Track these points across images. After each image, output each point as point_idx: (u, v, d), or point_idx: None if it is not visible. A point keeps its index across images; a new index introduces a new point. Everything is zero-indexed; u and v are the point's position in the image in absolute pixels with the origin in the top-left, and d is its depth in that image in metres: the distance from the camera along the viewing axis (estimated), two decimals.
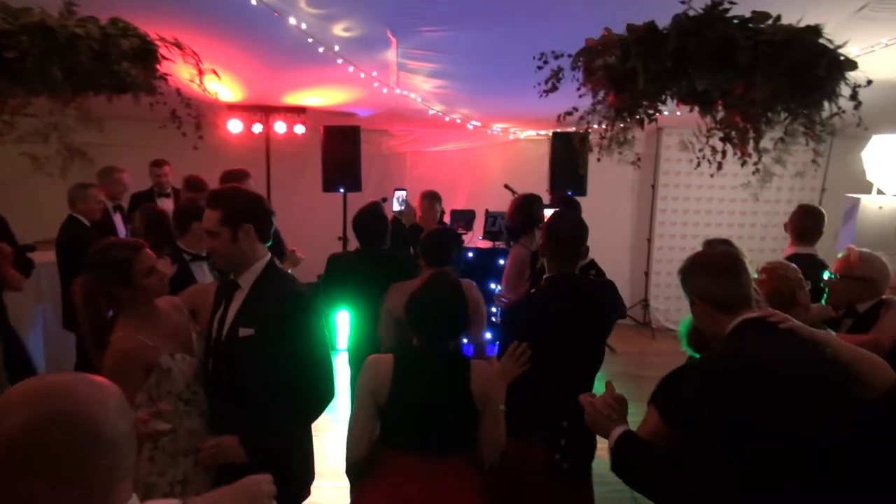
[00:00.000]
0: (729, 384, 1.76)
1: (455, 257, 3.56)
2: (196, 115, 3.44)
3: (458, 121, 7.00)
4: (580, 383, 2.76)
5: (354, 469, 2.40)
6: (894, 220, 5.81)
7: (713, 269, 1.98)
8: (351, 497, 2.67)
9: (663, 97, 2.85)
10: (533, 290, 2.91)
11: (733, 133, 2.92)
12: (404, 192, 4.45)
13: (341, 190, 6.61)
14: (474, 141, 7.84)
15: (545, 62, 3.20)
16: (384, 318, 3.52)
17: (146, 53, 3.16)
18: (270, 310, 2.34)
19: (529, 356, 2.52)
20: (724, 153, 2.88)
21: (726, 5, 2.56)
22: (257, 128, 6.78)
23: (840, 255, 3.18)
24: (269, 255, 2.49)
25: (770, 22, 2.64)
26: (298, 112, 6.79)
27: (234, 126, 6.62)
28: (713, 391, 1.78)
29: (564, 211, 2.83)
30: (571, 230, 2.77)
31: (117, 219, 5.13)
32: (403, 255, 4.28)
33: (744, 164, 2.80)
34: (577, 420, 2.73)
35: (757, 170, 2.78)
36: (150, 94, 3.28)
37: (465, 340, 3.40)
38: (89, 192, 4.55)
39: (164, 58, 3.35)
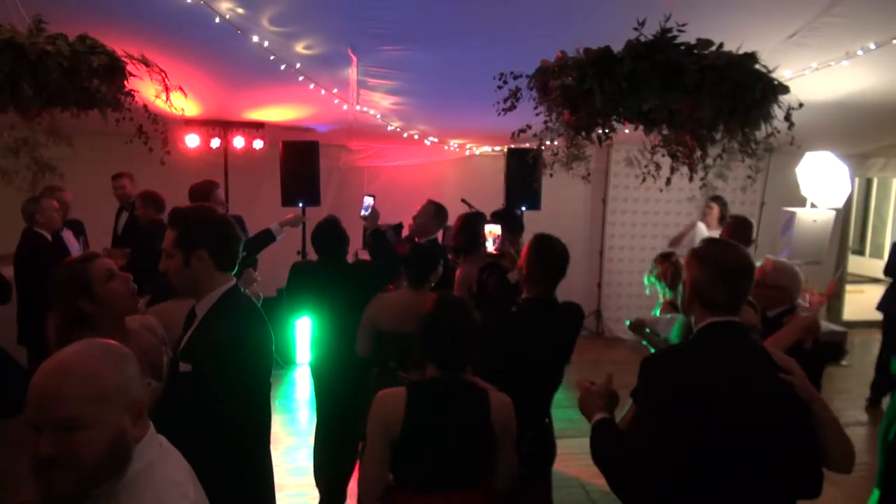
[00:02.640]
0: (673, 373, 1.85)
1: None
2: (163, 130, 3.48)
3: (416, 136, 7.14)
4: (547, 396, 3.00)
5: None
6: (827, 232, 6.19)
7: (716, 268, 1.94)
8: None
9: (616, 116, 3.04)
10: (513, 310, 3.03)
11: (679, 150, 3.13)
12: (372, 199, 4.55)
13: (300, 204, 6.65)
14: (431, 156, 7.99)
15: (504, 82, 3.36)
16: (363, 329, 3.55)
17: (114, 70, 3.19)
18: (209, 346, 2.16)
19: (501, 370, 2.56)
20: (672, 169, 3.08)
21: (675, 32, 2.77)
22: (216, 142, 6.78)
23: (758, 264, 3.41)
24: (232, 282, 2.31)
25: (713, 48, 2.86)
26: (257, 127, 6.81)
27: (192, 141, 6.61)
28: (659, 378, 1.87)
29: (549, 236, 2.96)
30: (560, 258, 2.90)
31: (67, 235, 5.06)
32: (365, 266, 4.35)
33: (691, 179, 3.00)
34: (543, 430, 2.93)
35: (703, 185, 2.99)
36: (117, 110, 3.30)
37: None
38: (43, 204, 4.50)
39: (132, 74, 3.38)
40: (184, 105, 3.64)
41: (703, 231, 6.18)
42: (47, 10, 3.17)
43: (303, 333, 6.79)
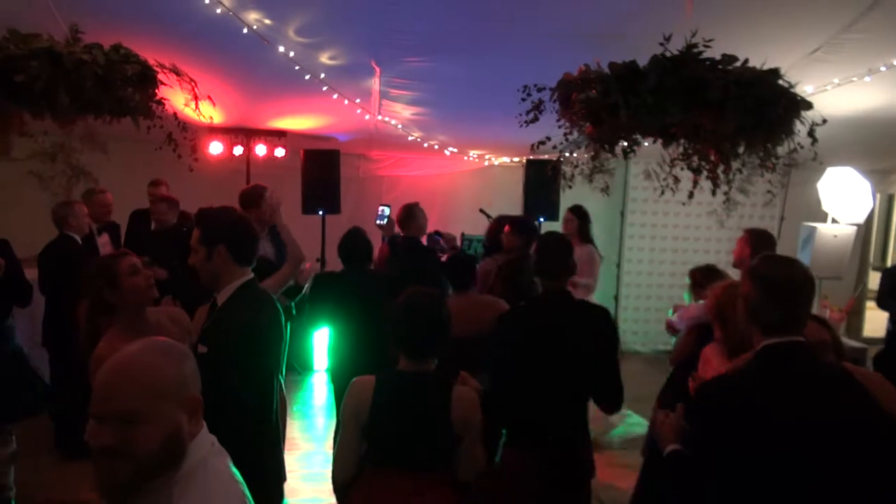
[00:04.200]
0: (733, 412, 1.73)
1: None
2: (192, 138, 3.55)
3: (436, 147, 7.20)
4: (566, 397, 2.86)
5: (341, 488, 2.43)
6: (848, 247, 6.15)
7: (766, 285, 1.83)
8: None
9: (639, 130, 3.07)
10: (522, 304, 3.07)
11: (702, 163, 3.15)
12: (388, 208, 4.72)
13: (321, 212, 6.72)
14: (450, 166, 8.04)
15: (528, 94, 3.40)
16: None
17: (146, 79, 3.27)
18: (223, 330, 2.43)
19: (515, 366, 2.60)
20: (695, 182, 3.09)
21: (700, 48, 2.80)
22: (238, 150, 6.88)
23: None
24: (250, 276, 2.58)
25: (738, 64, 2.88)
26: (279, 135, 6.91)
27: (216, 148, 6.71)
28: (718, 417, 1.76)
29: (551, 233, 3.01)
30: (554, 252, 2.91)
31: (102, 240, 5.14)
32: (389, 275, 4.41)
33: (714, 193, 3.02)
34: (563, 437, 2.88)
35: (727, 199, 3.00)
36: (148, 117, 3.38)
37: None
38: (75, 208, 4.58)
39: (162, 83, 3.46)
40: (212, 113, 3.69)
41: None
42: (82, 18, 3.27)
43: (320, 340, 6.84)
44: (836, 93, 5.06)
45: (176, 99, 3.69)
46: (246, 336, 2.43)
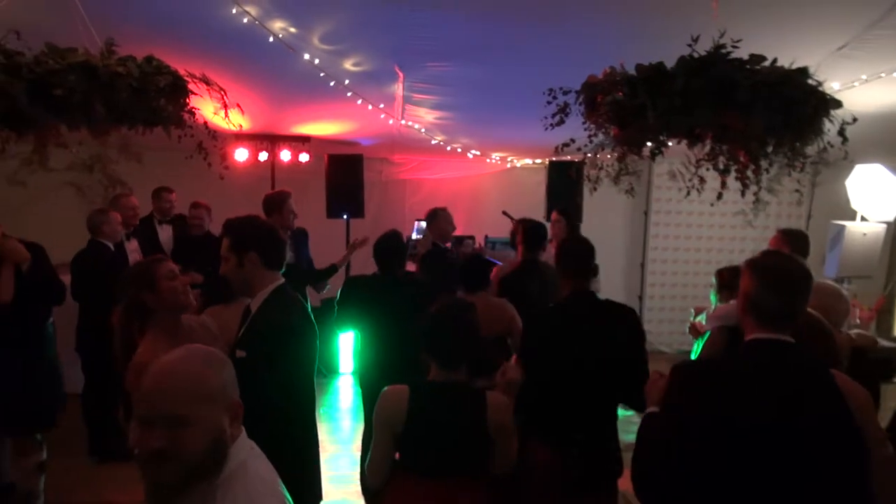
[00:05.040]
0: (711, 392, 1.80)
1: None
2: (221, 146, 3.61)
3: (459, 150, 7.22)
4: (593, 397, 2.86)
5: (373, 495, 2.50)
6: (878, 245, 6.06)
7: (766, 276, 1.89)
8: None
9: (666, 132, 3.07)
10: (552, 305, 3.09)
11: (730, 163, 3.13)
12: (425, 223, 4.87)
13: (345, 216, 6.78)
14: (473, 169, 8.06)
15: (554, 97, 3.41)
16: None
17: (177, 89, 3.33)
18: (259, 334, 2.50)
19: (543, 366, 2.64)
20: (723, 183, 3.08)
21: (729, 48, 2.79)
22: (263, 156, 6.96)
23: None
24: (281, 281, 2.64)
25: (766, 64, 2.87)
26: (303, 141, 6.98)
27: (241, 154, 6.80)
28: (693, 396, 1.83)
29: (575, 235, 3.04)
30: (576, 249, 2.97)
31: (131, 246, 5.23)
32: (421, 280, 4.45)
33: (743, 194, 3.00)
34: (593, 433, 2.90)
35: (757, 199, 2.99)
36: (179, 127, 3.44)
37: None
38: (110, 216, 4.68)
39: (192, 92, 3.52)
40: (241, 121, 3.75)
41: None
42: (114, 31, 3.34)
43: (346, 343, 6.89)
44: (863, 89, 5.00)
45: (205, 108, 3.75)
46: (281, 339, 2.50)
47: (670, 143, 3.32)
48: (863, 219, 6.16)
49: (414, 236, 4.71)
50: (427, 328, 2.45)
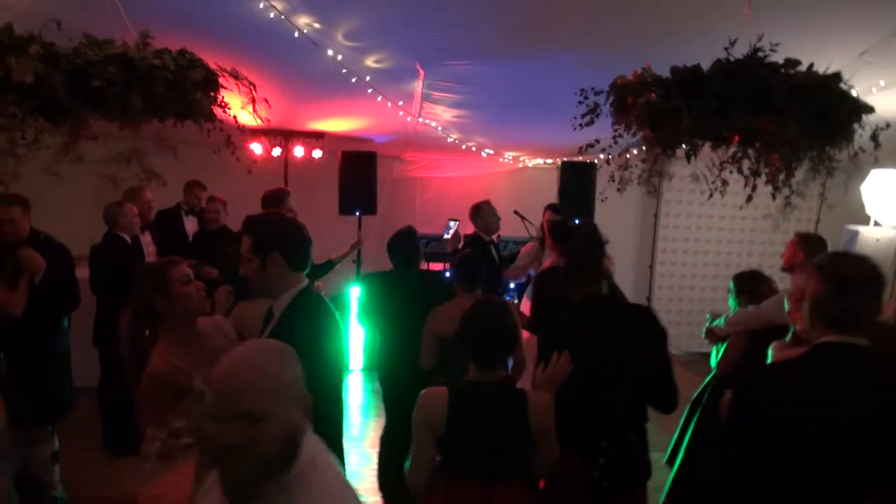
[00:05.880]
0: (775, 408, 1.79)
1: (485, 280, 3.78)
2: (248, 139, 3.61)
3: (473, 149, 7.23)
4: (613, 403, 2.81)
5: (415, 498, 2.42)
6: (891, 251, 6.08)
7: (832, 278, 1.88)
8: None
9: (699, 135, 3.08)
10: (566, 310, 3.06)
11: (761, 166, 3.15)
12: (456, 222, 4.81)
13: (357, 213, 6.77)
14: (484, 167, 8.07)
15: (585, 97, 3.42)
16: (426, 340, 3.66)
17: (210, 83, 3.33)
18: (289, 341, 2.37)
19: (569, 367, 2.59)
20: (754, 187, 3.10)
21: (767, 51, 2.81)
22: (277, 151, 6.96)
23: None
24: (305, 282, 2.46)
25: (802, 68, 2.88)
26: (317, 137, 6.97)
27: (255, 149, 6.79)
28: (757, 412, 1.84)
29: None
30: (578, 252, 2.93)
31: (145, 239, 5.22)
32: (437, 277, 4.46)
33: (774, 197, 3.02)
34: (617, 440, 2.89)
35: (788, 202, 3.01)
36: (210, 120, 3.44)
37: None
38: (126, 208, 4.67)
39: (223, 87, 3.52)
40: (267, 116, 3.75)
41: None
42: (148, 24, 3.34)
43: (356, 339, 6.90)
44: (881, 94, 5.02)
45: (232, 102, 3.75)
46: (311, 345, 2.29)
47: (702, 145, 3.34)
48: (876, 224, 6.19)
49: (444, 236, 4.69)
50: (464, 328, 2.43)
